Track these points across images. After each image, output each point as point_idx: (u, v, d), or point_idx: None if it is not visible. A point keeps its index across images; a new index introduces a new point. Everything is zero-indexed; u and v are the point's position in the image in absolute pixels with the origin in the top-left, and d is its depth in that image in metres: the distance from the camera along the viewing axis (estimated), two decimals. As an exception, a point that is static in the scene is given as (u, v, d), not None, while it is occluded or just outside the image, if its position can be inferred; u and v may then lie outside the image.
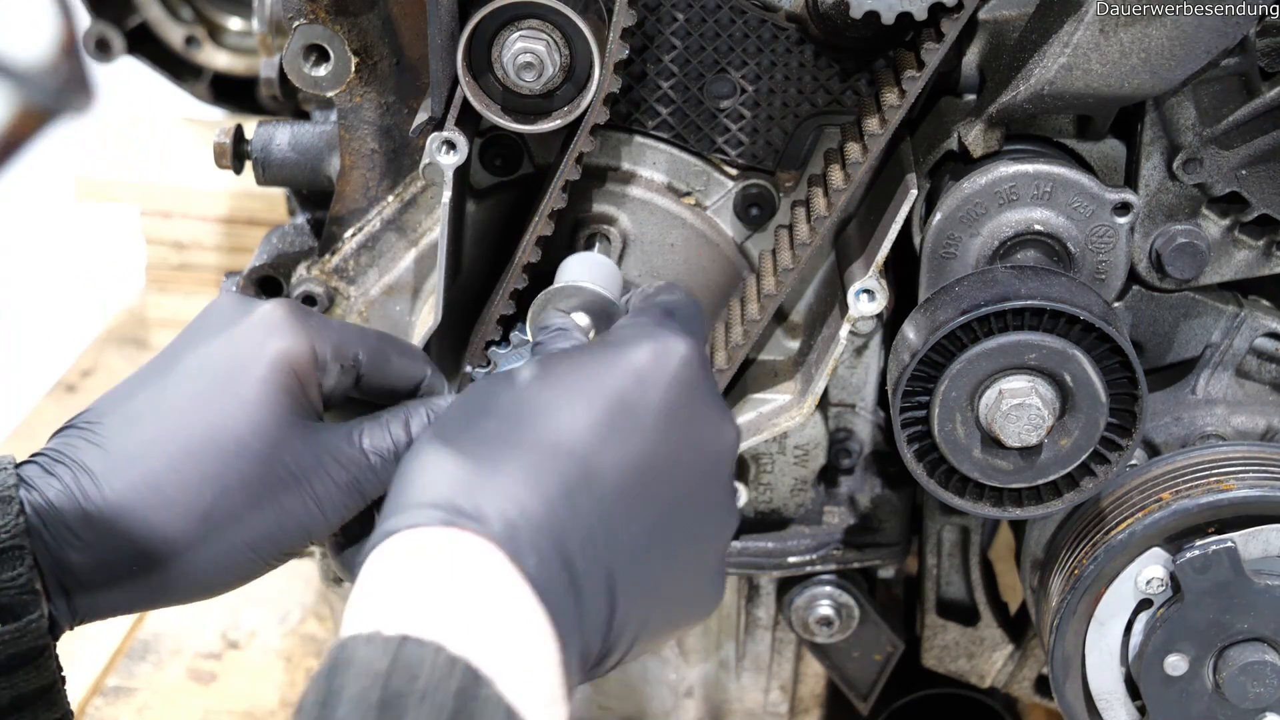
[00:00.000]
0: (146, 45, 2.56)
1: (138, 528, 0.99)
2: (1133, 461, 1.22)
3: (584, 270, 1.19)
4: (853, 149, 1.20)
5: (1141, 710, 1.21)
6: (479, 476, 0.87)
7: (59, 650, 1.02)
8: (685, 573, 0.95)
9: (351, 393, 1.09)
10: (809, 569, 1.38)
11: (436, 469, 0.88)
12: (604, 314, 1.14)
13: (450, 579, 0.82)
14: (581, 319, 1.13)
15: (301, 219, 1.37)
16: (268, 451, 1.01)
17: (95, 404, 1.04)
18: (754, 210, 1.29)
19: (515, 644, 0.81)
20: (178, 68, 2.58)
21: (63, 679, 1.00)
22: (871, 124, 1.19)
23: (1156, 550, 1.17)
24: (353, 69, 1.24)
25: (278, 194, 2.18)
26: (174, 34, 2.53)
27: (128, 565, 1.00)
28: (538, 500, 0.86)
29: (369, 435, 1.05)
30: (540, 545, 0.85)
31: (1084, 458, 1.15)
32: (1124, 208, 1.20)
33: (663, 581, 0.93)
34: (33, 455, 1.01)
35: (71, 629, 1.02)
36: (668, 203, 1.28)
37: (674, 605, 0.95)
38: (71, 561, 0.98)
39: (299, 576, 1.86)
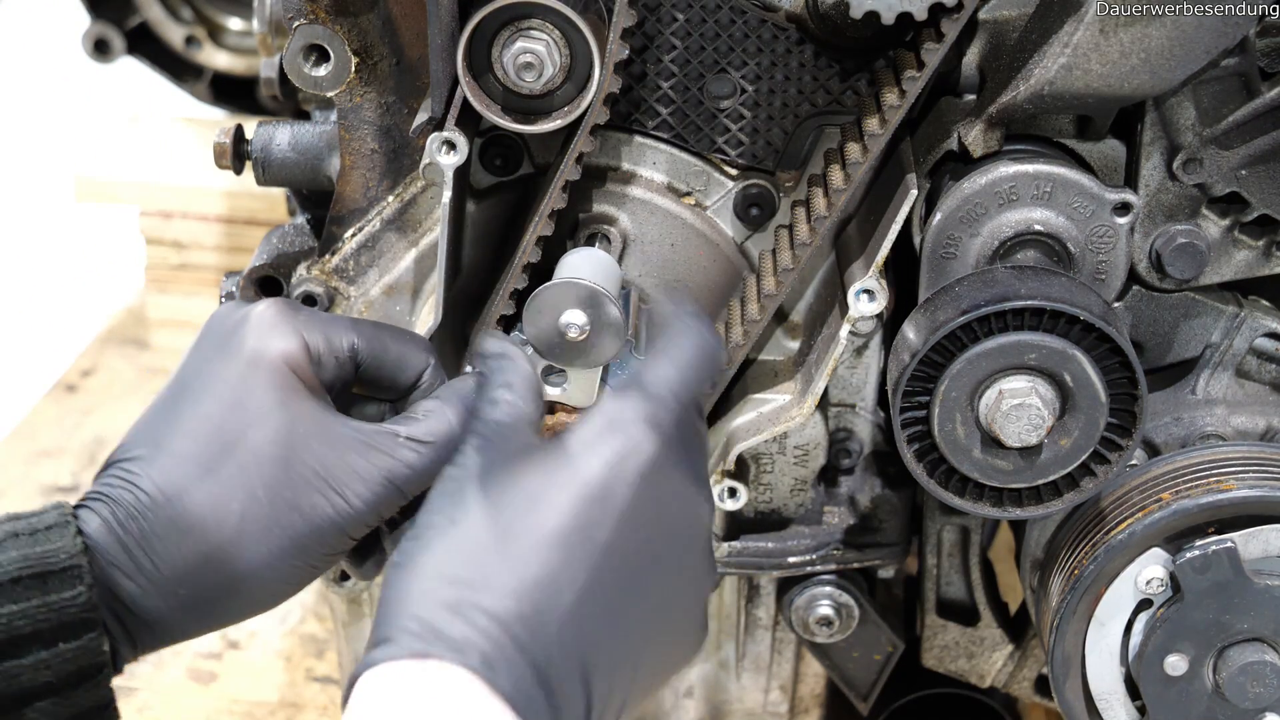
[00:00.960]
0: (146, 45, 2.56)
1: (176, 552, 1.00)
2: (1133, 461, 1.22)
3: (582, 265, 1.19)
4: (853, 149, 1.20)
5: (1141, 710, 1.21)
6: (455, 602, 0.89)
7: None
8: (665, 637, 0.98)
9: (354, 387, 1.09)
10: (809, 569, 1.38)
11: (417, 592, 0.90)
12: (599, 309, 1.13)
13: (430, 710, 0.84)
14: (578, 316, 1.12)
15: (301, 219, 1.37)
16: (286, 456, 1.01)
17: (126, 439, 1.05)
18: (754, 210, 1.29)
19: None
20: (178, 68, 2.58)
21: (114, 698, 1.01)
22: (871, 124, 1.19)
23: (1156, 550, 1.17)
24: (353, 69, 1.24)
25: (278, 194, 2.19)
26: (174, 34, 2.53)
27: (174, 589, 1.01)
28: (513, 623, 0.89)
29: (405, 426, 1.05)
30: (516, 668, 0.87)
31: (1084, 458, 1.15)
32: (1124, 208, 1.20)
33: (641, 653, 0.95)
34: (80, 501, 1.03)
35: (135, 660, 1.03)
36: (668, 203, 1.28)
37: (655, 666, 0.98)
38: (122, 591, 1.00)
39: (300, 578, 1.86)
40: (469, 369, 1.20)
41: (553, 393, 1.16)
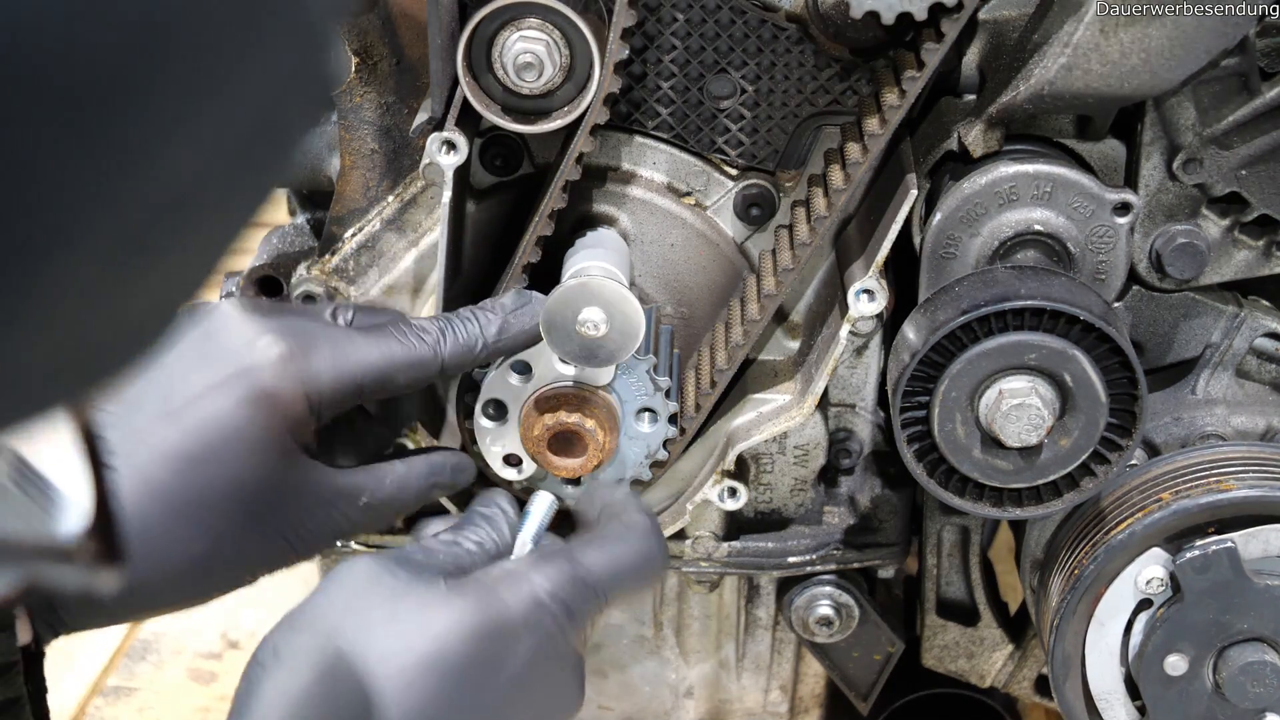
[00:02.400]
0: (146, 45, 2.55)
1: (128, 575, 1.01)
2: (1133, 461, 1.22)
3: (600, 256, 1.20)
4: (853, 149, 1.20)
5: (1141, 710, 1.21)
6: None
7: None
8: None
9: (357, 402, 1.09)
10: (809, 569, 1.38)
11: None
12: (617, 308, 1.13)
13: None
14: (597, 314, 1.12)
15: (301, 219, 1.37)
16: (258, 509, 1.02)
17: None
18: (754, 210, 1.29)
19: None
20: (178, 68, 2.57)
21: (40, 691, 1.01)
22: (871, 124, 1.19)
23: (1156, 550, 1.17)
24: (353, 69, 1.24)
25: (278, 194, 2.19)
26: (174, 34, 2.52)
27: (114, 605, 1.02)
28: None
29: (373, 484, 1.07)
30: None
31: (1084, 458, 1.15)
32: (1124, 208, 1.20)
33: None
34: None
35: (50, 642, 1.03)
36: (668, 203, 1.28)
37: None
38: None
39: (299, 576, 1.86)
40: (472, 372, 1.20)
41: (568, 371, 1.17)
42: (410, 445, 1.26)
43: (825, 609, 1.39)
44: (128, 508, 0.97)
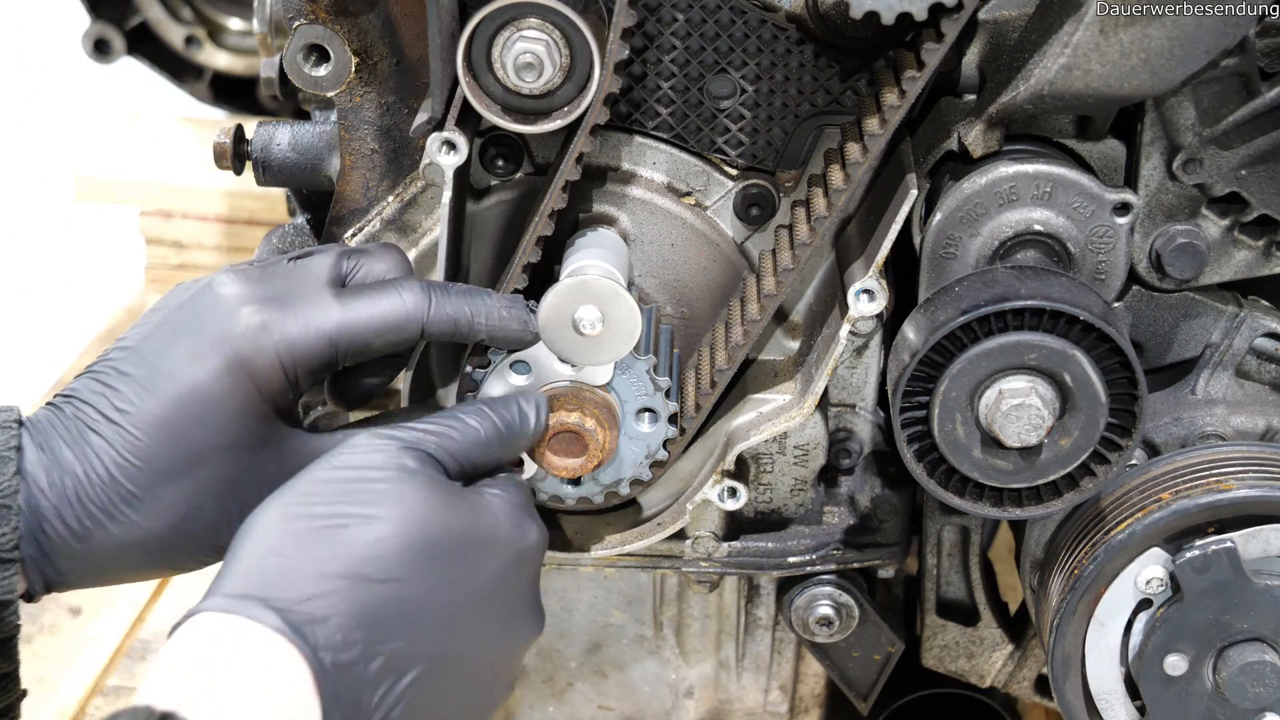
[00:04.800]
0: (146, 45, 2.56)
1: (110, 535, 1.05)
2: (1132, 461, 1.22)
3: (597, 255, 1.20)
4: (853, 149, 1.20)
5: (1141, 710, 1.21)
6: (300, 578, 0.95)
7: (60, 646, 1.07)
8: (475, 658, 1.04)
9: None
10: (809, 569, 1.38)
11: (258, 555, 0.96)
12: (613, 305, 1.15)
13: (235, 668, 0.89)
14: (593, 312, 1.13)
15: (301, 219, 1.37)
16: (237, 472, 1.07)
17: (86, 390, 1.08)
18: (754, 210, 1.29)
19: None
20: (178, 68, 2.58)
21: (17, 628, 1.05)
22: (871, 124, 1.19)
23: (1156, 550, 1.17)
24: (353, 69, 1.24)
25: (278, 194, 2.19)
26: (174, 34, 2.53)
27: (100, 563, 1.06)
28: (347, 618, 0.94)
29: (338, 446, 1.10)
30: (335, 657, 0.93)
31: (1084, 458, 1.15)
32: (1124, 208, 1.20)
33: (451, 667, 1.02)
34: (40, 414, 1.06)
35: (37, 599, 1.07)
36: (668, 203, 1.28)
37: (465, 690, 1.04)
38: (48, 537, 1.04)
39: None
40: (469, 369, 1.21)
41: (567, 370, 1.18)
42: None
43: (825, 609, 1.39)
44: (114, 472, 1.03)
